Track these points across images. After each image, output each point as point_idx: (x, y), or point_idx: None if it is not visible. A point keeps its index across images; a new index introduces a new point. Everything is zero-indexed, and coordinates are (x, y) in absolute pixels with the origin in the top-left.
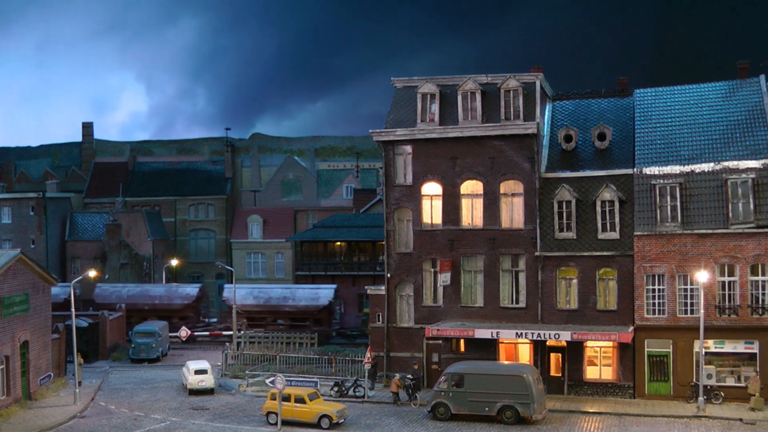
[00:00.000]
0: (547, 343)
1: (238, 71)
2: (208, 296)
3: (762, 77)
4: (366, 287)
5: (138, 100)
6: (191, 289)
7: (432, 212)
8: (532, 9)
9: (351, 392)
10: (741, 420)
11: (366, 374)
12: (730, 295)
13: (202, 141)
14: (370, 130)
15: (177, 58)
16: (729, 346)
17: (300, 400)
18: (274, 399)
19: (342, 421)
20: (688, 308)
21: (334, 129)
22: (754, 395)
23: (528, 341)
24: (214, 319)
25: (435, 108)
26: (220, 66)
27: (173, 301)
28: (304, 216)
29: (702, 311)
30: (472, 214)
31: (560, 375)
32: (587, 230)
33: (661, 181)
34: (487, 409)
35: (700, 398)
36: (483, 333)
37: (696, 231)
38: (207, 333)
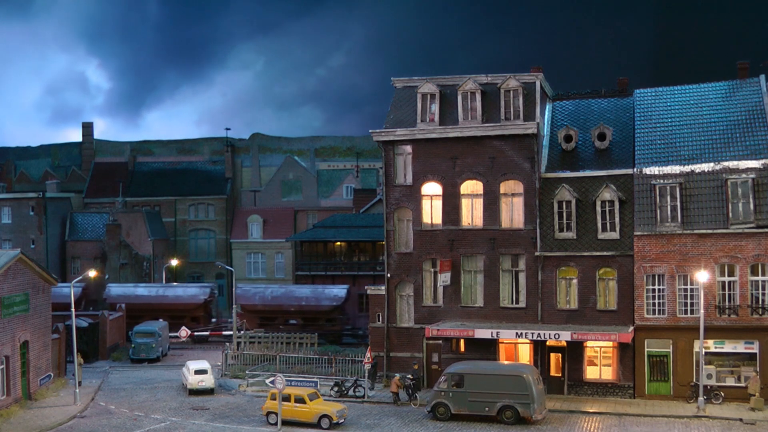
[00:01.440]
0: (547, 343)
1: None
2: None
3: (762, 77)
4: (366, 287)
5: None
6: (338, 291)
7: (432, 212)
8: (533, 8)
9: (351, 392)
10: (741, 420)
11: (366, 374)
12: (730, 295)
13: (202, 141)
14: (370, 130)
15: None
16: (729, 346)
17: (300, 400)
18: (274, 399)
19: (342, 421)
20: (688, 308)
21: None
22: (754, 395)
23: (528, 341)
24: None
25: (435, 108)
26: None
27: (321, 303)
28: (304, 216)
29: (702, 311)
30: (472, 214)
31: (560, 375)
32: (587, 230)
33: (661, 181)
34: (487, 409)
35: (700, 398)
36: (483, 333)
37: (696, 231)
38: (207, 333)
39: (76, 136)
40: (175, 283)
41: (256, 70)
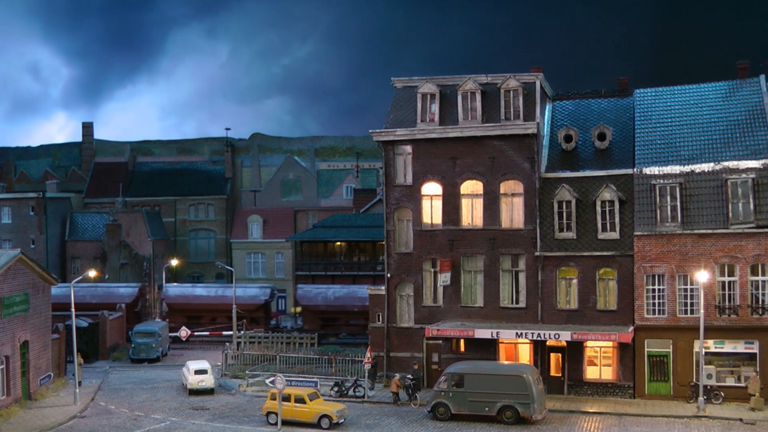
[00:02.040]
0: (547, 343)
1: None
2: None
3: (762, 77)
4: (366, 287)
5: None
6: None
7: (432, 212)
8: (533, 8)
9: (351, 392)
10: (741, 420)
11: (366, 374)
12: (730, 295)
13: (202, 141)
14: (370, 130)
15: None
16: (729, 346)
17: (300, 400)
18: (274, 399)
19: (342, 421)
20: (688, 308)
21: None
22: (754, 395)
23: (528, 341)
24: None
25: (435, 108)
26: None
27: None
28: (304, 216)
29: (702, 311)
30: (472, 214)
31: (560, 375)
32: (587, 230)
33: (661, 181)
34: (487, 409)
35: (700, 398)
36: (483, 333)
37: (696, 231)
38: (207, 333)
39: (42, 129)
40: (234, 284)
41: (220, 61)
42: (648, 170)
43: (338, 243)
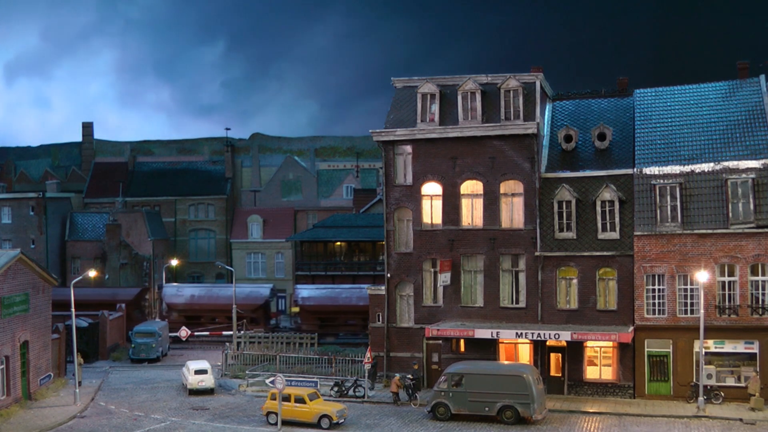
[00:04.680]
0: (547, 343)
1: None
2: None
3: (762, 77)
4: (366, 287)
5: None
6: None
7: (432, 212)
8: (533, 8)
9: (351, 392)
10: (741, 420)
11: (366, 374)
12: (730, 295)
13: (202, 141)
14: (370, 130)
15: None
16: (729, 346)
17: (300, 400)
18: (274, 399)
19: (342, 421)
20: (688, 308)
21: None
22: (754, 395)
23: (528, 341)
24: None
25: (435, 108)
26: None
27: None
28: (304, 216)
29: (702, 311)
30: (472, 214)
31: (560, 375)
32: (587, 230)
33: (661, 181)
34: (487, 409)
35: (700, 398)
36: (483, 333)
37: (696, 231)
38: (207, 333)
39: None
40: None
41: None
42: (648, 170)
43: (338, 243)
